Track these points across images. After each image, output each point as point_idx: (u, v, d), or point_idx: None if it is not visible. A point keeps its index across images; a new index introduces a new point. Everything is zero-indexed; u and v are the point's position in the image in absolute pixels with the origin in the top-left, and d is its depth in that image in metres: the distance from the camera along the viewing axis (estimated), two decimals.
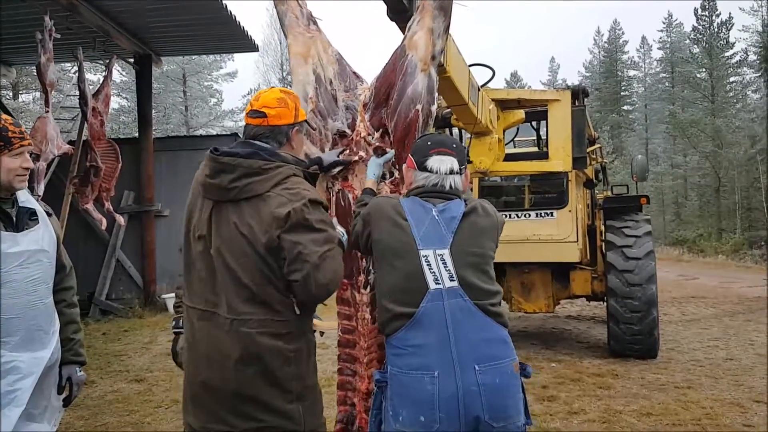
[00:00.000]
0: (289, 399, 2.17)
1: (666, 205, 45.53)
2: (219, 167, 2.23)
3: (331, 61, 2.85)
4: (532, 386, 6.17)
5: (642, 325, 7.10)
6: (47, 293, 2.61)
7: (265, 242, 2.13)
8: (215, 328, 2.20)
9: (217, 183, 2.23)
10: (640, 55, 57.58)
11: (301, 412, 2.19)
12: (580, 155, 7.00)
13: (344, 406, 2.68)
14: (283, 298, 2.18)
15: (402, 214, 2.26)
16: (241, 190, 2.19)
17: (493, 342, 2.15)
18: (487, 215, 2.33)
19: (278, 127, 2.31)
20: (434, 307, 2.12)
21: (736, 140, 36.31)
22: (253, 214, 2.16)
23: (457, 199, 2.32)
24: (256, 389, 2.15)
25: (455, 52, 3.72)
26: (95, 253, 12.08)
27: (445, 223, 2.23)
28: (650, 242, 7.45)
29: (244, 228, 2.16)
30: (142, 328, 10.32)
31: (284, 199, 2.15)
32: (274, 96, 2.34)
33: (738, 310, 11.45)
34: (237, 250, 2.16)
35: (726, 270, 22.30)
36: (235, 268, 2.16)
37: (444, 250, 2.18)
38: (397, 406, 2.12)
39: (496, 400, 2.08)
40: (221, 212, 2.23)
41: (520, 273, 8.04)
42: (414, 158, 2.39)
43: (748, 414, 5.23)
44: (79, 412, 5.53)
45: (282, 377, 2.16)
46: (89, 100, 9.39)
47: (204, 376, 2.23)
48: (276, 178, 2.20)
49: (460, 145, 2.47)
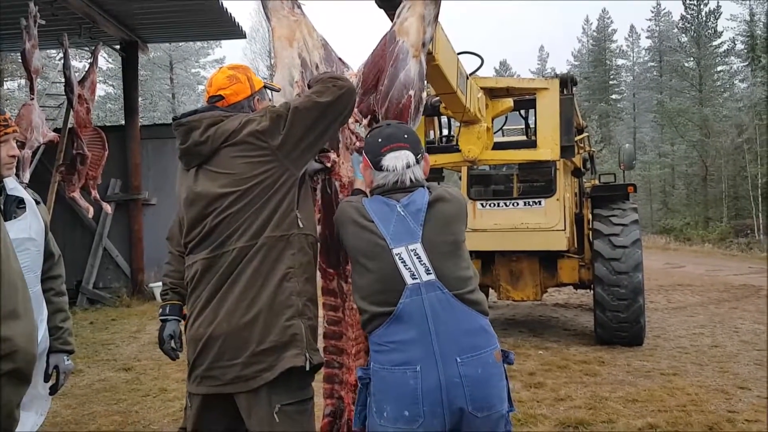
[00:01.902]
0: (289, 314, 2.19)
1: (653, 193, 45.81)
2: (186, 128, 2.31)
3: (317, 46, 2.81)
4: (520, 373, 6.22)
5: (628, 313, 7.16)
6: (35, 282, 2.59)
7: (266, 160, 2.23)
8: (217, 267, 2.23)
9: (191, 142, 2.29)
10: (628, 44, 57.80)
11: (302, 327, 2.21)
12: (569, 144, 7.02)
13: (331, 399, 2.64)
14: (289, 212, 2.25)
15: (366, 215, 2.23)
16: (215, 137, 2.26)
17: (474, 332, 2.15)
18: (452, 200, 2.31)
19: (238, 103, 2.38)
20: (413, 302, 2.11)
21: (723, 129, 36.53)
22: (240, 148, 2.23)
23: (419, 189, 2.29)
24: (257, 310, 2.17)
25: (444, 40, 3.70)
26: (82, 241, 12.02)
27: (412, 216, 2.20)
28: (637, 230, 7.50)
29: (237, 166, 2.23)
30: (130, 317, 10.29)
31: (255, 118, 2.27)
32: (224, 76, 2.39)
33: (724, 298, 11.56)
34: (242, 187, 2.22)
35: (712, 258, 22.49)
36: (243, 204, 2.21)
37: (416, 244, 2.16)
38: (380, 402, 2.12)
39: (479, 390, 2.08)
40: (207, 171, 2.28)
41: (509, 261, 8.08)
42: (368, 158, 2.34)
43: (732, 400, 5.30)
44: (67, 401, 5.51)
45: (282, 292, 2.19)
46: (75, 87, 9.29)
47: (201, 321, 2.24)
48: (239, 117, 2.30)
49: (411, 132, 2.39)
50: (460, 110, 5.15)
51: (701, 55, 43.53)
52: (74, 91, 9.29)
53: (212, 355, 2.20)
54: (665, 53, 50.38)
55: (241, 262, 2.19)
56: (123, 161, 12.06)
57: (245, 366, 2.16)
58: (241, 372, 2.16)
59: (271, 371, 2.15)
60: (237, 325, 2.17)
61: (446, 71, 3.87)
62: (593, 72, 55.46)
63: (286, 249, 2.23)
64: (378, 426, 2.13)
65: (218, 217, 2.23)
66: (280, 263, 2.21)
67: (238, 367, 2.16)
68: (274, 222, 2.22)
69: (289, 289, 2.20)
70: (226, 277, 2.21)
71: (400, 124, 2.40)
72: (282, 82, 2.72)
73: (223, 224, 2.23)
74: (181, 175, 2.39)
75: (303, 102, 2.30)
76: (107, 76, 34.13)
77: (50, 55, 22.99)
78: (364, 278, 2.21)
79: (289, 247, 2.23)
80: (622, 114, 55.33)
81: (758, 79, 34.82)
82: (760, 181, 32.31)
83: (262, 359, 2.15)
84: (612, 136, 50.26)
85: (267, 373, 2.15)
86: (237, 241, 2.21)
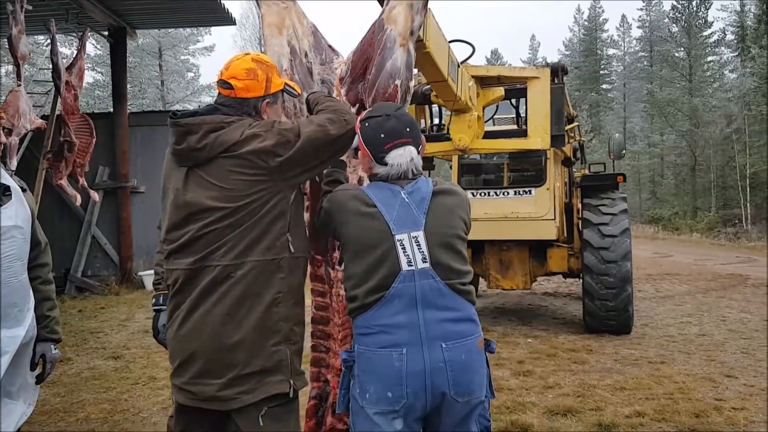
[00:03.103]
0: (275, 340, 2.15)
1: (642, 183, 46.04)
2: (183, 130, 2.18)
3: (307, 33, 2.79)
4: (509, 361, 6.26)
5: (617, 302, 7.21)
6: (22, 270, 2.57)
7: (263, 179, 2.14)
8: (199, 280, 2.15)
9: (186, 146, 2.17)
10: (619, 34, 57.87)
11: (288, 354, 2.18)
12: (559, 133, 7.02)
13: (318, 382, 2.67)
14: (280, 236, 2.17)
15: (368, 201, 2.21)
16: (213, 146, 2.14)
17: (460, 320, 2.18)
18: (455, 193, 2.33)
19: (246, 100, 2.25)
20: (406, 288, 2.12)
21: (713, 119, 36.73)
22: (237, 163, 2.13)
23: (422, 177, 2.30)
24: (243, 333, 2.11)
25: (435, 28, 3.68)
26: (70, 229, 11.95)
27: (416, 204, 2.20)
28: (626, 220, 7.54)
29: (232, 178, 2.13)
30: (119, 305, 10.26)
31: (260, 135, 2.15)
32: (244, 66, 2.25)
33: (711, 287, 11.66)
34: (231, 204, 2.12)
35: (700, 248, 22.67)
36: (230, 221, 2.12)
37: (418, 231, 2.17)
38: (364, 383, 2.14)
39: (462, 376, 2.12)
40: (199, 176, 2.18)
41: (498, 250, 8.10)
42: (370, 151, 2.29)
43: (719, 388, 5.35)
44: (56, 389, 5.50)
45: (270, 317, 2.14)
46: (62, 73, 9.20)
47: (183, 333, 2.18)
48: (242, 126, 2.17)
49: (412, 123, 2.34)
50: (451, 99, 5.14)
51: (692, 45, 43.67)
52: (62, 78, 9.19)
53: (194, 371, 2.16)
54: (656, 43, 50.49)
55: (225, 281, 2.12)
56: (111, 149, 11.98)
57: (225, 387, 2.12)
58: (219, 393, 2.12)
59: (252, 394, 2.12)
60: (222, 346, 2.12)
61: (437, 59, 3.85)
62: (584, 62, 55.54)
63: (276, 273, 2.17)
64: (359, 408, 2.15)
65: (203, 230, 2.15)
66: (270, 287, 2.15)
67: (217, 387, 2.12)
68: (265, 245, 2.14)
69: (277, 314, 2.16)
70: (208, 294, 2.14)
71: (401, 113, 2.33)
72: None
73: (207, 238, 2.15)
74: (171, 166, 2.28)
75: (314, 131, 2.21)
76: (95, 62, 33.77)
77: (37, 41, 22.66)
78: (360, 266, 2.19)
79: (279, 271, 2.17)
80: (613, 104, 55.49)
81: (748, 70, 34.98)
82: (748, 171, 32.55)
83: (244, 382, 2.12)
84: (602, 125, 50.42)
85: (247, 396, 2.12)
86: (221, 258, 2.13)
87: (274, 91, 2.30)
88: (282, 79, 2.37)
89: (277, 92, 2.33)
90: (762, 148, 32.69)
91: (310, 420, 2.63)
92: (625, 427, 4.42)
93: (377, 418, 2.11)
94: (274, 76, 2.31)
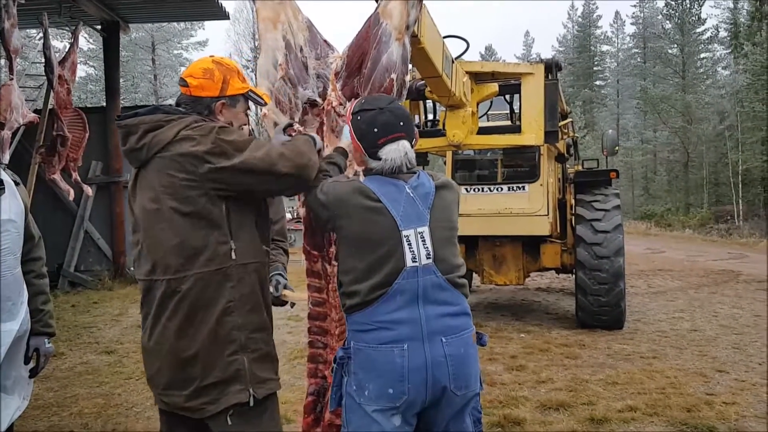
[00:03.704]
0: (231, 350, 2.15)
1: (635, 179, 46.19)
2: (125, 131, 2.21)
3: (302, 28, 2.78)
4: (502, 356, 6.28)
5: (609, 297, 7.24)
6: (15, 264, 2.56)
7: (192, 185, 2.11)
8: (154, 294, 2.17)
9: (128, 147, 2.21)
10: (613, 30, 57.89)
11: (246, 362, 2.17)
12: (552, 129, 7.02)
13: (315, 378, 2.67)
14: (220, 245, 2.14)
15: (372, 195, 2.15)
16: (150, 146, 2.15)
17: (458, 314, 2.18)
18: (453, 189, 2.33)
19: (199, 98, 2.25)
20: (408, 283, 2.11)
21: (706, 116, 36.88)
22: (170, 164, 2.12)
23: (422, 172, 2.28)
24: (197, 347, 2.13)
25: (430, 23, 3.68)
26: (63, 224, 11.89)
27: (421, 199, 2.18)
28: (619, 216, 7.58)
29: (166, 181, 2.12)
30: (112, 300, 10.23)
31: (195, 138, 2.11)
32: (202, 66, 2.27)
33: (703, 283, 11.72)
34: (164, 207, 2.12)
35: (693, 244, 22.77)
36: (166, 227, 2.12)
37: (424, 227, 2.15)
38: (362, 380, 2.12)
39: (461, 369, 2.13)
40: (142, 179, 2.20)
41: (492, 246, 8.12)
42: (362, 145, 2.23)
43: (710, 383, 5.39)
44: (49, 384, 5.49)
45: (222, 328, 2.14)
46: (55, 67, 9.14)
47: (150, 347, 2.23)
48: (180, 125, 2.16)
49: (406, 116, 2.28)
50: (446, 94, 5.14)
51: (685, 42, 43.73)
52: (54, 72, 9.13)
53: (162, 384, 2.21)
54: (649, 40, 50.55)
55: (173, 295, 2.13)
56: (104, 143, 11.92)
57: (190, 398, 2.16)
58: (186, 404, 2.17)
59: (215, 405, 2.15)
60: (180, 361, 2.15)
61: (432, 54, 3.85)
62: (578, 58, 55.54)
63: (223, 282, 2.14)
64: (356, 405, 2.13)
65: (147, 239, 2.18)
66: (219, 298, 2.14)
67: (183, 399, 2.17)
68: (205, 257, 2.12)
69: (230, 323, 2.15)
70: (162, 309, 2.16)
71: (395, 106, 2.28)
72: (266, 65, 2.68)
73: (150, 247, 2.17)
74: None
75: (258, 158, 2.13)
76: (88, 56, 33.65)
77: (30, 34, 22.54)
78: (362, 261, 2.15)
79: (227, 280, 2.15)
80: (606, 100, 55.57)
81: (741, 67, 35.07)
82: (740, 167, 32.69)
83: (205, 394, 2.15)
84: (595, 122, 50.53)
85: (211, 406, 2.15)
86: (164, 273, 2.14)
87: (231, 94, 2.28)
88: (246, 84, 2.34)
89: (235, 95, 2.30)
90: (754, 144, 32.83)
91: (308, 416, 2.63)
92: (616, 421, 4.45)
93: (376, 415, 2.09)
94: (234, 79, 2.29)
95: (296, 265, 3.01)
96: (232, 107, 2.30)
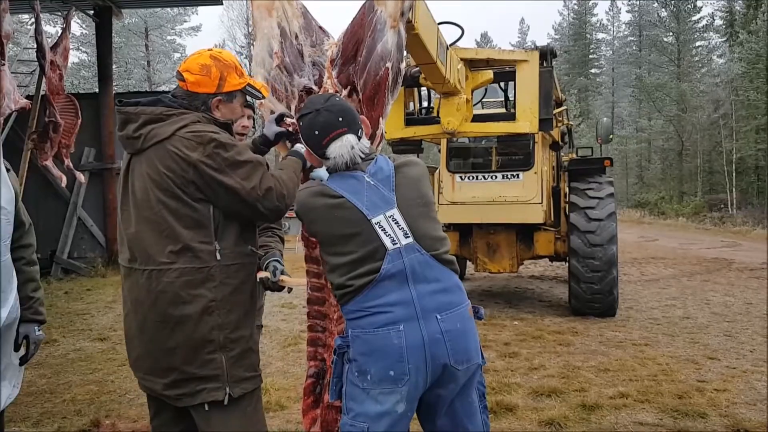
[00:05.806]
0: (209, 349, 2.18)
1: (629, 168, 46.24)
2: (124, 117, 2.24)
3: (297, 15, 2.75)
4: (495, 343, 6.31)
5: (602, 285, 7.28)
6: (5, 251, 2.54)
7: (180, 184, 2.13)
8: (135, 282, 2.21)
9: (125, 134, 2.24)
10: (609, 18, 57.73)
11: (224, 361, 2.20)
12: (547, 117, 6.99)
13: (315, 361, 2.71)
14: (204, 245, 2.17)
15: (332, 193, 2.17)
16: (146, 138, 2.18)
17: (450, 290, 2.20)
18: (416, 164, 2.33)
19: (195, 94, 2.26)
20: (395, 266, 2.12)
21: (700, 104, 36.90)
22: (162, 159, 2.15)
23: (380, 156, 2.28)
24: (176, 341, 2.16)
25: (424, 9, 3.66)
26: (56, 211, 11.84)
27: (382, 183, 2.20)
28: (612, 204, 7.60)
29: (156, 175, 2.15)
30: (105, 287, 10.22)
31: (192, 142, 2.14)
32: (200, 61, 2.26)
33: (696, 271, 11.79)
34: (152, 198, 2.15)
35: (686, 232, 22.89)
36: (152, 218, 2.15)
37: (392, 209, 2.16)
38: (363, 365, 2.13)
39: (459, 343, 2.15)
40: (136, 165, 2.23)
41: (486, 234, 8.13)
42: (310, 148, 2.26)
43: (702, 370, 5.42)
44: (42, 371, 5.48)
45: (202, 327, 2.16)
46: (47, 53, 9.08)
47: (132, 332, 2.27)
48: (179, 122, 2.18)
49: (344, 110, 2.25)
50: (440, 81, 5.12)
51: (680, 30, 43.66)
52: (46, 57, 9.08)
53: (144, 369, 2.28)
54: (645, 28, 50.44)
55: (156, 286, 2.15)
56: (97, 129, 11.85)
57: (168, 387, 2.21)
58: (165, 392, 2.23)
59: (192, 398, 2.20)
60: (161, 349, 2.19)
61: (426, 41, 3.83)
62: (573, 46, 55.43)
63: (206, 281, 2.17)
64: (360, 390, 2.14)
65: (131, 228, 2.20)
66: (200, 297, 2.16)
67: (162, 386, 2.22)
68: (190, 253, 2.15)
69: (210, 323, 2.17)
70: (143, 298, 2.19)
71: (331, 104, 2.24)
72: (262, 53, 2.67)
73: (134, 237, 2.20)
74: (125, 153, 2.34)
75: (238, 183, 2.17)
76: (80, 42, 33.33)
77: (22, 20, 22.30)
78: (343, 257, 2.17)
79: (209, 279, 2.17)
80: (601, 88, 55.54)
81: (736, 55, 35.06)
82: (734, 156, 32.81)
83: (183, 386, 2.19)
84: (590, 110, 50.51)
85: (188, 398, 2.20)
86: (145, 263, 2.17)
87: (227, 90, 2.29)
88: (243, 79, 2.33)
89: (233, 91, 2.31)
90: (749, 133, 32.95)
91: (307, 398, 2.67)
92: (608, 407, 4.47)
93: (381, 397, 2.12)
94: (231, 75, 2.29)
95: (289, 253, 3.02)
96: (228, 103, 2.32)
